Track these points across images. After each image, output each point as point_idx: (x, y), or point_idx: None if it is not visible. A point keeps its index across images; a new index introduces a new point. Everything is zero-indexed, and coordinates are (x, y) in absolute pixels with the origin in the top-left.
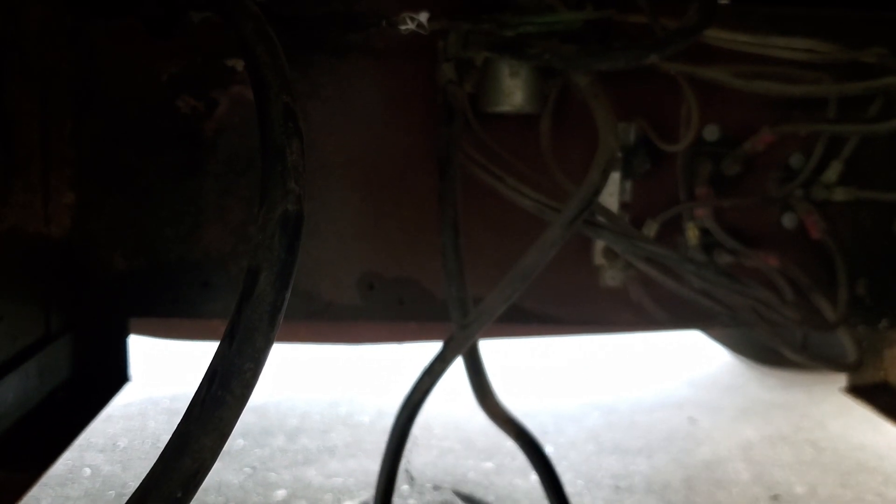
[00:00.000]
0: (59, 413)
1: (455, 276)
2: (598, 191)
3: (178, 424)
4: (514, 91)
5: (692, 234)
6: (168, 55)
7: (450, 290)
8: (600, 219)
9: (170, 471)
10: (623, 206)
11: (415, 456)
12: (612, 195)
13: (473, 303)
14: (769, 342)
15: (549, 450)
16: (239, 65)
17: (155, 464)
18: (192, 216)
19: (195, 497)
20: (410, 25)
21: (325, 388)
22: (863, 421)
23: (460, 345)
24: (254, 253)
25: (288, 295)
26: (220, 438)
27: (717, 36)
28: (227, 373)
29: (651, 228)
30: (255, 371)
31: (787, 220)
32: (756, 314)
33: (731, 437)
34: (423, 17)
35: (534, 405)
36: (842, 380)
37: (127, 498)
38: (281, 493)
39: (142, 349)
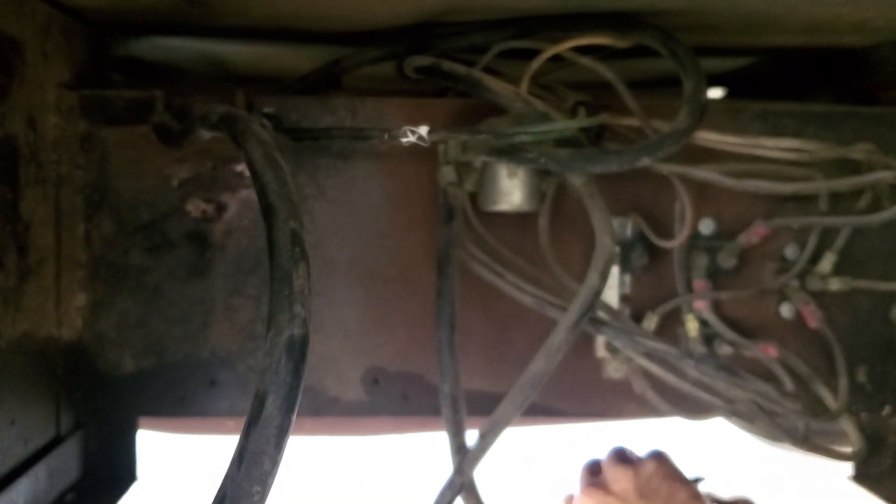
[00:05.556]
0: None
1: (449, 373)
2: (598, 293)
3: None
4: (512, 191)
5: (692, 325)
6: (179, 161)
7: (443, 387)
8: (601, 314)
9: None
10: (623, 298)
11: None
12: (612, 288)
13: (467, 398)
14: (770, 436)
15: None
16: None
17: None
18: (200, 316)
19: None
20: (411, 138)
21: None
22: None
23: (476, 458)
24: (261, 377)
25: (294, 417)
26: None
27: (706, 137)
28: (235, 497)
29: (651, 321)
30: (263, 494)
31: (785, 311)
32: (756, 406)
33: None
34: (423, 130)
35: None
36: (848, 466)
37: None
38: None
39: (149, 441)
